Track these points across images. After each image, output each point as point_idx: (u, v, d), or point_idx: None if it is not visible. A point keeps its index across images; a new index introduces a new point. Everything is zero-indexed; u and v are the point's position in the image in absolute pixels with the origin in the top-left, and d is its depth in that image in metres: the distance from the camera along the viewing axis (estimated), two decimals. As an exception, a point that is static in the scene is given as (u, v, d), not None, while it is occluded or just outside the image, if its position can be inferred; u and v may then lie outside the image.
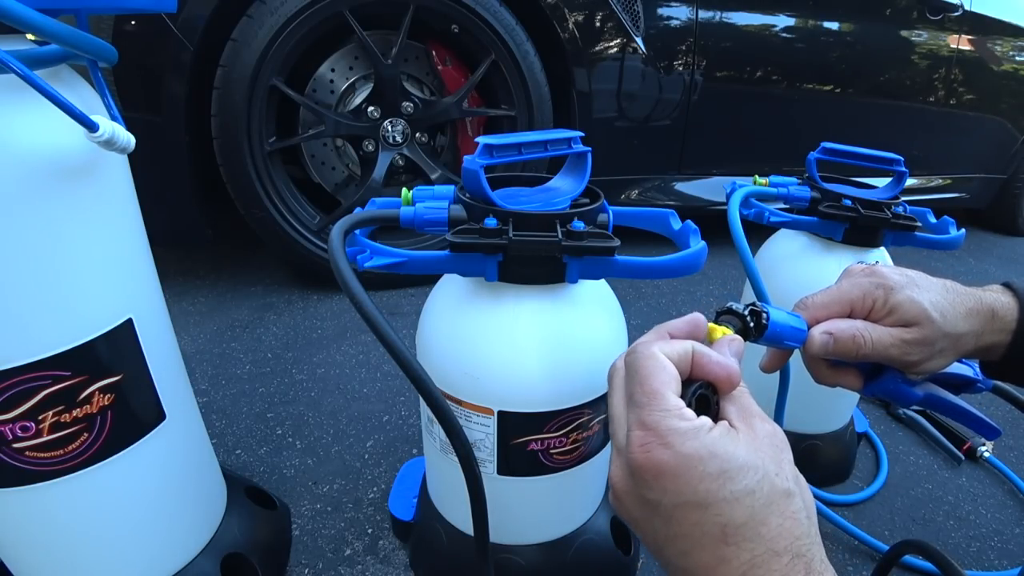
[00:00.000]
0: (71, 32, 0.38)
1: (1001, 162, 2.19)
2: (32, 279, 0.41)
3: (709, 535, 0.28)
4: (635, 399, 0.31)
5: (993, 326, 0.42)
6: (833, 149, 0.76)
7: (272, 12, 1.13)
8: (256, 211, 1.26)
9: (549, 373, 0.51)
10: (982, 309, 0.41)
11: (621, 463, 0.31)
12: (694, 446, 0.28)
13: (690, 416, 0.30)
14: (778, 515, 0.28)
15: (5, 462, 0.44)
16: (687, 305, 1.49)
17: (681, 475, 0.28)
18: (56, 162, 0.41)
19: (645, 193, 1.66)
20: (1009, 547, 0.81)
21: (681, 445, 0.29)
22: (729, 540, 0.28)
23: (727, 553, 0.28)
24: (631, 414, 0.31)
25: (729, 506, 0.28)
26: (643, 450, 0.29)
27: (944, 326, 0.40)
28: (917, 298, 0.40)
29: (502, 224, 0.47)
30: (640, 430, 0.30)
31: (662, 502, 0.29)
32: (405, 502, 0.73)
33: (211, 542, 0.62)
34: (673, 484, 0.28)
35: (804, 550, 0.28)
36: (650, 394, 0.30)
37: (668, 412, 0.30)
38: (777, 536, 0.28)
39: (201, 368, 1.09)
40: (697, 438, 0.29)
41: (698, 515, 0.28)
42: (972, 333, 0.41)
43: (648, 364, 0.32)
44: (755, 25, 1.59)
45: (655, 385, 0.31)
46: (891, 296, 0.40)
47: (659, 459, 0.29)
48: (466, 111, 1.39)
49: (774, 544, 0.28)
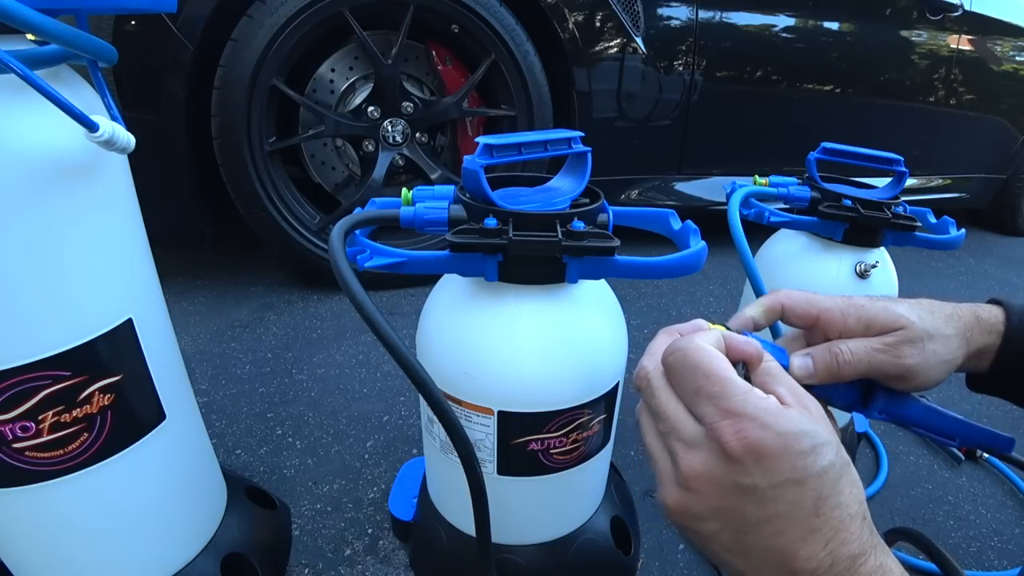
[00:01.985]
0: (71, 32, 0.38)
1: (1001, 162, 2.19)
2: (32, 279, 0.41)
3: (804, 509, 0.29)
4: (704, 391, 0.31)
5: (980, 327, 0.41)
6: (833, 149, 0.76)
7: (272, 12, 1.13)
8: (256, 211, 1.26)
9: (549, 373, 0.51)
10: (963, 313, 0.41)
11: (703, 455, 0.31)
12: (787, 423, 0.29)
13: (764, 395, 0.31)
14: (849, 484, 0.30)
15: (5, 462, 0.44)
16: (687, 305, 1.49)
17: (781, 454, 0.29)
18: (56, 162, 0.41)
19: (645, 193, 1.66)
20: (1009, 547, 0.81)
21: (776, 424, 0.29)
22: (820, 512, 0.29)
23: (817, 523, 0.29)
24: (705, 407, 0.31)
25: (820, 480, 0.29)
26: (739, 436, 0.29)
27: (926, 326, 0.39)
28: (891, 307, 0.40)
29: (502, 224, 0.47)
30: (728, 418, 0.30)
31: (759, 485, 0.29)
32: (405, 502, 0.73)
33: (211, 542, 0.62)
34: (774, 464, 0.29)
35: (866, 512, 0.30)
36: (722, 381, 0.31)
37: (748, 394, 0.30)
38: (851, 501, 0.30)
39: (201, 368, 1.09)
40: (785, 415, 0.30)
41: (796, 492, 0.29)
42: (958, 335, 0.40)
43: (704, 355, 0.32)
44: (755, 25, 1.59)
45: (723, 372, 0.31)
46: (864, 311, 0.40)
47: (759, 440, 0.29)
48: (466, 111, 1.39)
49: (849, 508, 0.29)
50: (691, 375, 0.32)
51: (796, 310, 0.41)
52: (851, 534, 0.29)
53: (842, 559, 0.29)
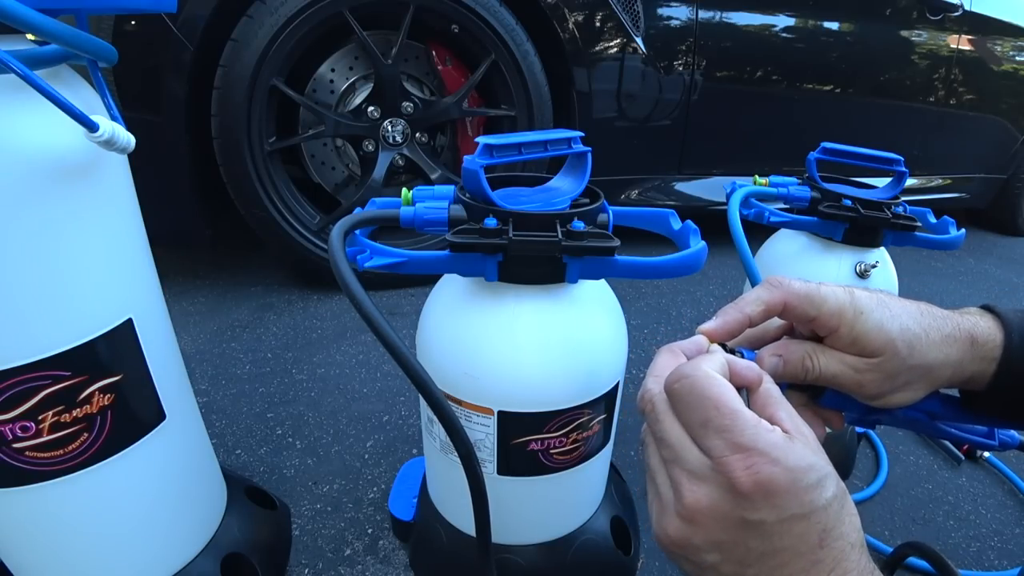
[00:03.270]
0: (71, 32, 0.38)
1: (1001, 162, 2.19)
2: (32, 279, 0.41)
3: (809, 543, 0.29)
4: (713, 424, 0.30)
5: (973, 354, 0.38)
6: (833, 149, 0.76)
7: (272, 12, 1.13)
8: (256, 211, 1.26)
9: (549, 373, 0.51)
10: (960, 336, 0.38)
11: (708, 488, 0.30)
12: (795, 459, 0.29)
13: (770, 426, 0.30)
14: (848, 514, 0.30)
15: (5, 462, 0.44)
16: (687, 305, 1.49)
17: (791, 489, 0.29)
18: (56, 162, 0.41)
19: (645, 193, 1.66)
20: (1009, 547, 0.81)
21: (786, 459, 0.29)
22: (824, 544, 0.29)
23: (820, 555, 0.29)
24: (713, 440, 0.30)
25: (825, 512, 0.29)
26: (750, 472, 0.29)
27: (910, 359, 0.37)
28: (887, 326, 0.37)
29: (502, 224, 0.47)
30: (738, 453, 0.29)
31: (767, 520, 0.29)
32: (405, 502, 0.73)
33: (211, 542, 0.62)
34: (784, 500, 0.29)
35: (863, 540, 0.31)
36: (732, 414, 0.30)
37: (759, 427, 0.30)
38: (851, 531, 0.30)
39: (201, 368, 1.09)
40: (793, 450, 0.29)
41: (803, 526, 0.29)
42: (948, 363, 0.38)
43: (713, 385, 0.31)
44: (755, 25, 1.59)
45: (733, 404, 0.30)
46: (859, 321, 0.37)
47: (770, 477, 0.29)
48: (466, 111, 1.39)
49: (850, 538, 0.30)
50: (699, 406, 0.31)
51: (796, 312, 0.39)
52: (852, 563, 0.29)
53: None
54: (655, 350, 0.38)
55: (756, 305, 0.39)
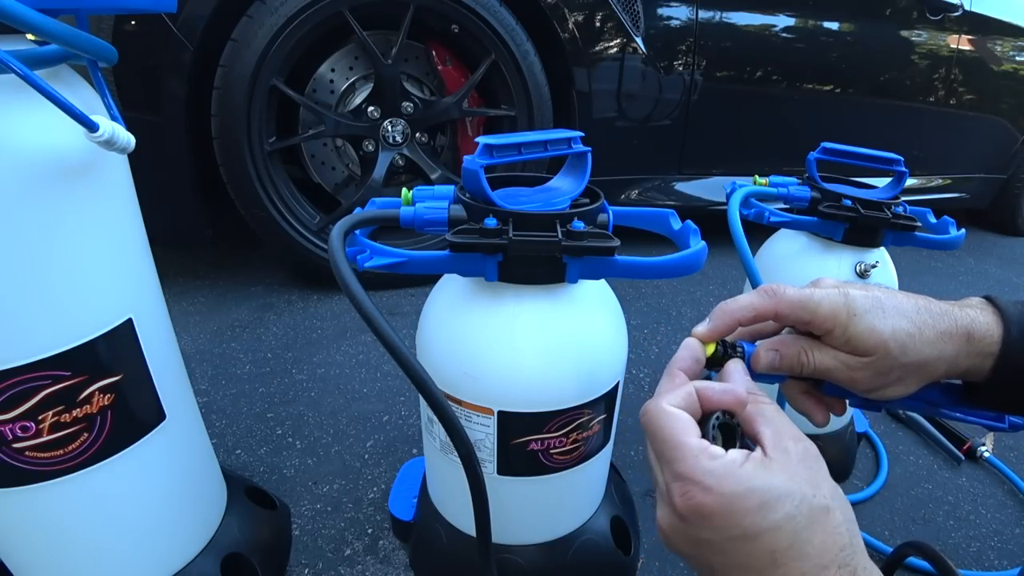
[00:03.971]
0: (71, 32, 0.38)
1: (1001, 162, 2.19)
2: (32, 279, 0.41)
3: (761, 561, 0.30)
4: (664, 456, 0.33)
5: (970, 349, 0.38)
6: (833, 149, 0.76)
7: (272, 12, 1.13)
8: (256, 211, 1.26)
9: (549, 373, 0.51)
10: (956, 332, 0.38)
11: (666, 510, 0.34)
12: (731, 485, 0.30)
13: (718, 452, 0.32)
14: (821, 533, 0.30)
15: (5, 462, 0.44)
16: (687, 305, 1.49)
17: (725, 513, 0.30)
18: (56, 162, 0.41)
19: (645, 193, 1.66)
20: (1009, 547, 0.81)
21: (719, 486, 0.30)
22: (779, 562, 0.30)
23: (778, 573, 0.30)
24: (665, 470, 0.33)
25: (774, 534, 0.30)
26: (685, 498, 0.31)
27: (902, 357, 0.38)
28: (879, 327, 0.37)
29: (502, 224, 0.47)
30: (677, 481, 0.32)
31: (712, 539, 0.31)
32: (405, 502, 0.73)
33: (211, 542, 0.62)
34: (720, 522, 0.30)
35: (848, 559, 0.30)
36: (673, 446, 0.33)
37: (697, 457, 0.32)
38: (822, 551, 0.30)
39: (201, 368, 1.09)
40: (732, 475, 0.31)
41: (748, 546, 0.30)
42: (942, 359, 0.38)
43: (660, 420, 0.34)
44: (755, 25, 1.59)
45: (674, 436, 0.33)
46: (852, 324, 0.38)
47: (702, 503, 0.31)
48: (466, 111, 1.39)
49: (820, 559, 0.30)
50: (654, 438, 0.34)
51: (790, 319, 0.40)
52: None
53: None
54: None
55: (747, 311, 0.40)
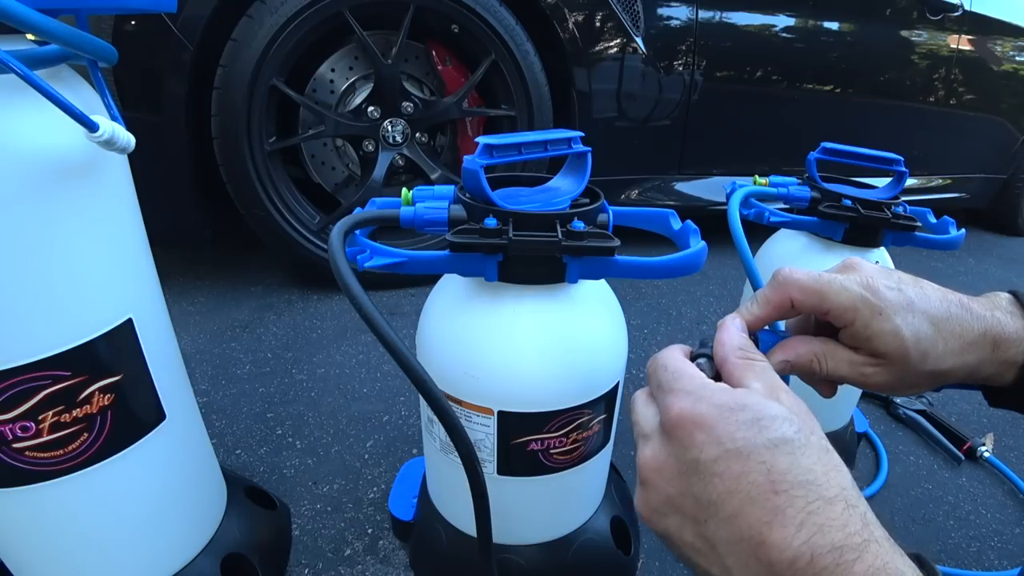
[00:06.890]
0: (71, 32, 0.38)
1: (1001, 162, 2.19)
2: (32, 279, 0.41)
3: (756, 485, 0.27)
4: (663, 384, 0.34)
5: (994, 357, 0.36)
6: (833, 149, 0.76)
7: (272, 12, 1.13)
8: (256, 211, 1.26)
9: (549, 373, 0.51)
10: (983, 341, 0.36)
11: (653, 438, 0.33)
12: (724, 398, 0.30)
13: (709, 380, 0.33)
14: (822, 464, 0.28)
15: (5, 462, 0.44)
16: (687, 305, 1.49)
17: (717, 424, 0.29)
18: (56, 162, 0.41)
19: (645, 193, 1.66)
20: (1009, 547, 0.81)
21: (712, 397, 0.31)
22: (778, 488, 0.27)
23: (779, 502, 0.27)
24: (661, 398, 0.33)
25: (769, 452, 0.28)
26: (678, 408, 0.31)
27: (921, 365, 0.36)
28: (903, 331, 0.35)
29: (502, 224, 0.47)
30: (672, 396, 0.32)
31: (700, 458, 0.29)
32: (405, 502, 0.73)
33: (211, 542, 0.62)
34: (711, 434, 0.29)
35: (856, 500, 0.27)
36: (674, 371, 0.34)
37: (694, 377, 0.33)
38: (825, 483, 0.27)
39: (201, 368, 1.09)
40: (727, 391, 0.31)
41: (740, 465, 0.28)
42: (964, 368, 0.36)
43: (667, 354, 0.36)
44: (755, 25, 1.59)
45: (676, 364, 0.34)
46: (875, 322, 0.35)
47: (694, 411, 0.30)
48: (466, 111, 1.39)
49: (825, 491, 0.27)
50: (655, 373, 0.35)
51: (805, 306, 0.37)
52: (830, 520, 0.26)
53: (822, 550, 0.25)
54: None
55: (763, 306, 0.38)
